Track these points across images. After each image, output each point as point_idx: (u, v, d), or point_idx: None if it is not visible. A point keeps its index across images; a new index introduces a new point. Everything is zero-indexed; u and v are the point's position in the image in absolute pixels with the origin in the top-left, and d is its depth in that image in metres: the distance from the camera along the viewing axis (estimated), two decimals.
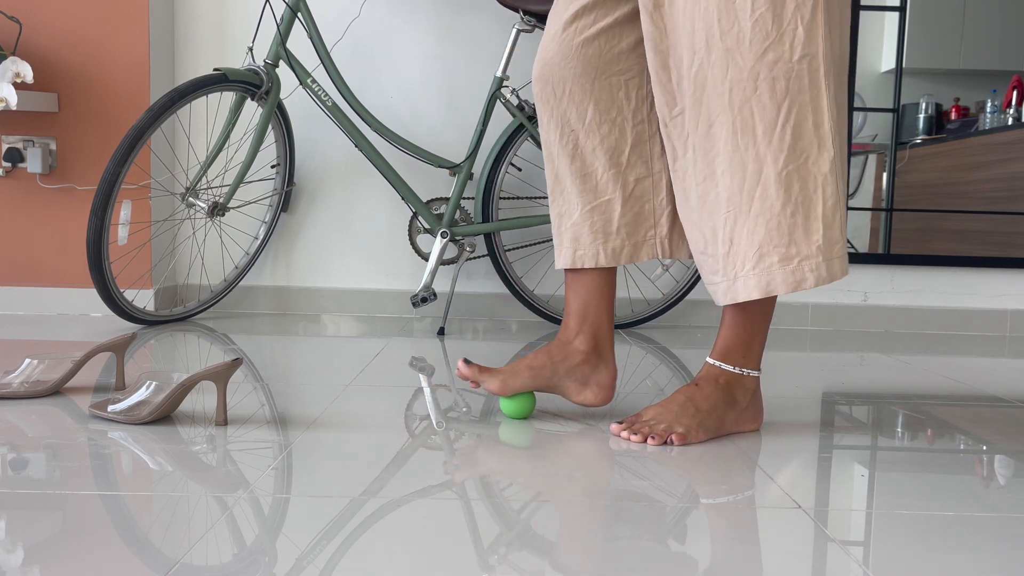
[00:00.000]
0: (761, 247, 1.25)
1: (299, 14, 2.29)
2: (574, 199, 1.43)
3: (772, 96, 1.23)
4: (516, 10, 2.31)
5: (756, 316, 1.36)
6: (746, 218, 1.25)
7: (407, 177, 2.55)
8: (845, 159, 1.31)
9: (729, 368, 1.36)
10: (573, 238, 1.44)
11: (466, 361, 1.41)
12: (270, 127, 2.36)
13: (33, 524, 0.92)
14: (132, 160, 2.06)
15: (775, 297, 1.37)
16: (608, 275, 1.45)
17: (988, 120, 2.74)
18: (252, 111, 2.51)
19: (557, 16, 1.41)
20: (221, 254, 2.63)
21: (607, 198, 1.42)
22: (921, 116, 2.74)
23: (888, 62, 2.68)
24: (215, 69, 2.19)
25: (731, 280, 1.28)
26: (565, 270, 1.47)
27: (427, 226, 2.40)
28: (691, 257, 1.44)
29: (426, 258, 2.41)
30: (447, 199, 2.43)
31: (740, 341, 1.37)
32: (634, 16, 1.38)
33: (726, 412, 1.35)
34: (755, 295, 1.26)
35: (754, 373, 1.38)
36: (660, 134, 1.42)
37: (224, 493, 1.03)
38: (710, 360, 1.38)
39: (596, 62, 1.38)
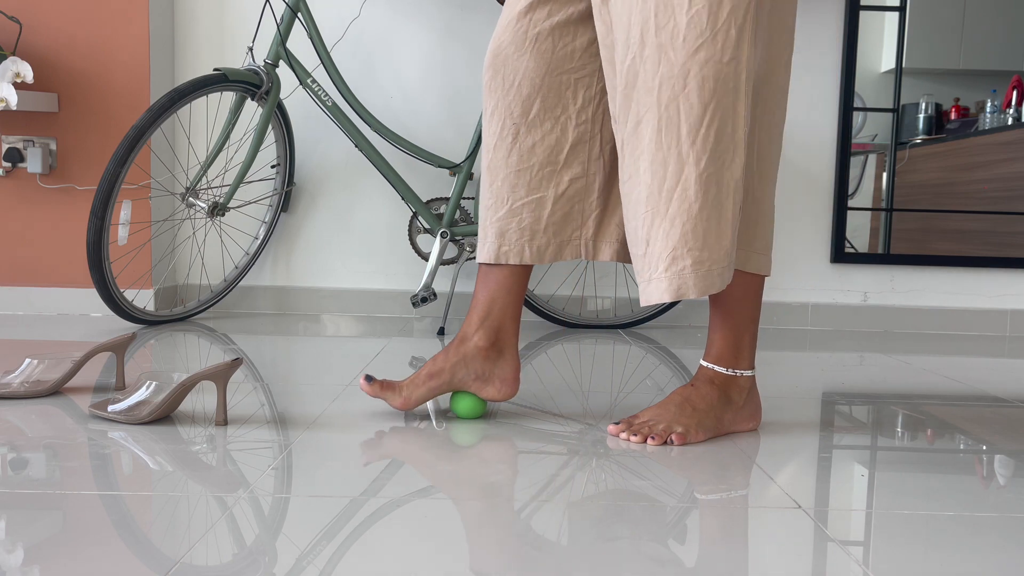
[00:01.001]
0: (675, 249, 1.23)
1: (299, 14, 2.29)
2: (505, 193, 1.41)
3: (700, 95, 1.21)
4: None
5: (742, 317, 1.36)
6: (663, 219, 1.24)
7: (407, 177, 2.55)
8: (774, 167, 1.32)
9: (722, 370, 1.36)
10: (499, 233, 1.41)
11: (367, 378, 1.40)
12: (270, 127, 2.36)
13: (33, 524, 0.92)
14: (132, 160, 2.06)
15: (759, 297, 1.37)
16: (521, 273, 1.43)
17: (988, 120, 2.74)
18: (252, 111, 2.51)
19: (511, 6, 1.39)
20: (221, 254, 2.63)
21: (539, 195, 1.40)
22: (921, 116, 2.74)
23: (888, 62, 2.68)
24: (215, 69, 2.19)
25: (646, 282, 1.26)
26: (480, 264, 1.44)
27: (427, 226, 2.40)
28: (613, 260, 1.44)
29: (426, 258, 2.41)
30: (447, 199, 2.43)
31: (729, 343, 1.37)
32: (589, 14, 1.37)
33: (723, 411, 1.35)
34: (666, 298, 1.24)
35: (748, 373, 1.38)
36: (600, 135, 1.41)
37: (224, 493, 1.03)
38: (703, 363, 1.38)
39: (549, 58, 1.37)
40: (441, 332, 2.35)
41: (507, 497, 1.05)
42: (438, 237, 2.37)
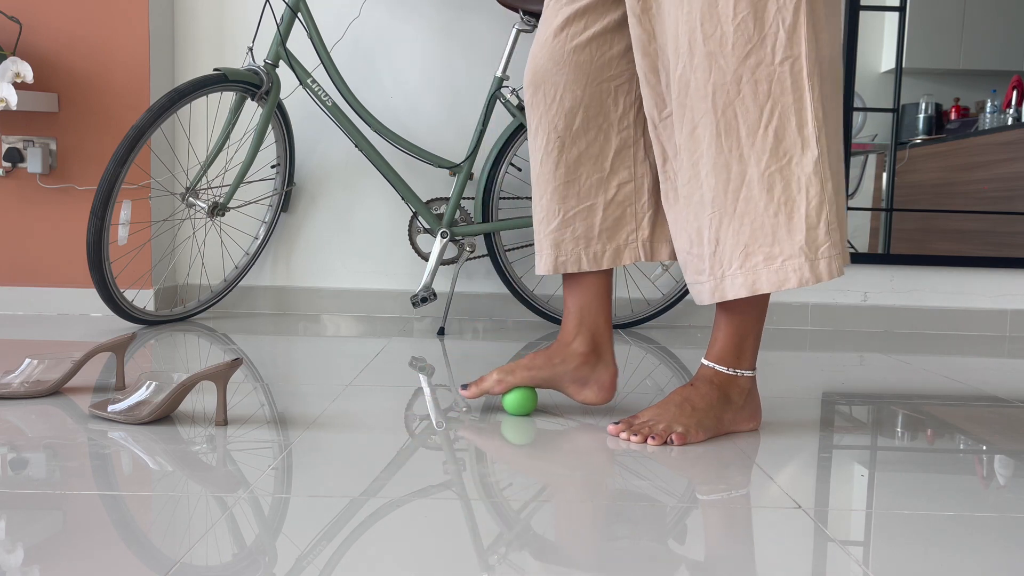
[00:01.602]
0: (747, 247, 1.26)
1: (299, 14, 2.29)
2: (556, 205, 1.45)
3: (755, 98, 1.23)
4: (516, 10, 2.31)
5: (748, 317, 1.37)
6: (731, 218, 1.26)
7: (407, 177, 2.55)
8: (839, 158, 1.30)
9: (723, 370, 1.37)
10: (554, 244, 1.45)
11: (464, 386, 1.46)
12: (270, 127, 2.36)
13: (33, 524, 0.92)
14: (132, 160, 2.06)
15: (766, 298, 1.38)
16: (604, 277, 1.47)
17: (988, 120, 2.74)
18: (252, 111, 2.51)
19: (547, 22, 1.42)
20: (221, 254, 2.63)
21: (589, 203, 1.44)
22: (921, 116, 2.74)
23: (888, 62, 2.68)
24: (215, 69, 2.19)
25: (718, 279, 1.29)
26: (563, 274, 1.48)
27: (427, 226, 2.40)
28: (671, 259, 1.47)
29: (426, 258, 2.41)
30: (447, 199, 2.43)
31: (732, 343, 1.37)
32: (624, 22, 1.39)
33: (723, 411, 1.35)
34: (742, 293, 1.27)
35: (748, 373, 1.38)
36: (644, 139, 1.44)
37: (224, 493, 1.03)
38: (704, 362, 1.39)
39: (587, 68, 1.40)
40: (441, 332, 2.35)
41: (507, 497, 1.05)
42: (438, 237, 2.37)
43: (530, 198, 2.53)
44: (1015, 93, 2.72)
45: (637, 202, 1.45)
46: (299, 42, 2.44)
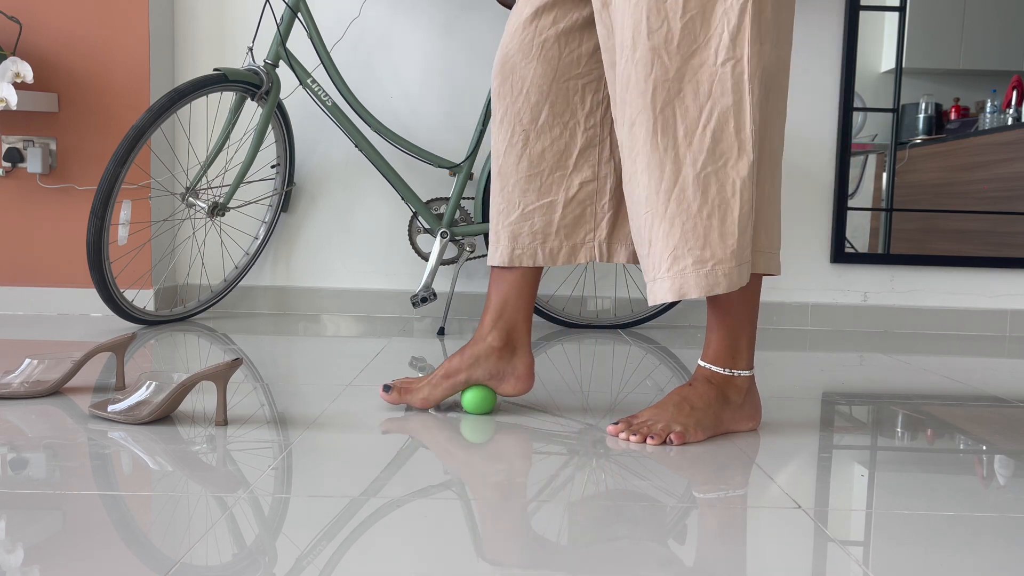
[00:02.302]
0: (676, 249, 1.25)
1: (299, 14, 2.29)
2: (516, 198, 1.44)
3: (695, 98, 1.23)
4: None
5: (739, 318, 1.36)
6: (662, 220, 1.25)
7: (407, 177, 2.55)
8: (774, 165, 1.31)
9: (719, 370, 1.36)
10: (511, 236, 1.45)
11: (385, 388, 1.45)
12: (270, 127, 2.36)
13: (33, 524, 0.92)
14: (132, 160, 2.06)
15: (756, 298, 1.37)
16: (533, 274, 1.47)
17: (988, 120, 2.74)
18: (252, 111, 2.51)
19: (518, 13, 1.42)
20: (221, 254, 2.63)
21: (549, 200, 1.44)
22: (921, 116, 2.74)
23: (888, 62, 2.68)
24: (215, 69, 2.19)
25: (651, 281, 1.28)
26: (493, 268, 1.48)
27: (427, 226, 2.40)
28: (628, 262, 1.47)
29: (426, 258, 2.41)
30: (447, 199, 2.43)
31: (726, 344, 1.37)
32: (593, 20, 1.39)
33: (722, 411, 1.35)
34: (669, 298, 1.26)
35: (745, 373, 1.38)
36: (611, 139, 1.44)
37: (224, 493, 1.03)
38: (701, 363, 1.38)
39: (556, 64, 1.40)
40: (441, 332, 2.35)
41: (507, 497, 1.05)
42: (438, 237, 2.37)
43: None
44: (1015, 93, 2.71)
45: (598, 202, 1.45)
46: (299, 42, 2.44)
